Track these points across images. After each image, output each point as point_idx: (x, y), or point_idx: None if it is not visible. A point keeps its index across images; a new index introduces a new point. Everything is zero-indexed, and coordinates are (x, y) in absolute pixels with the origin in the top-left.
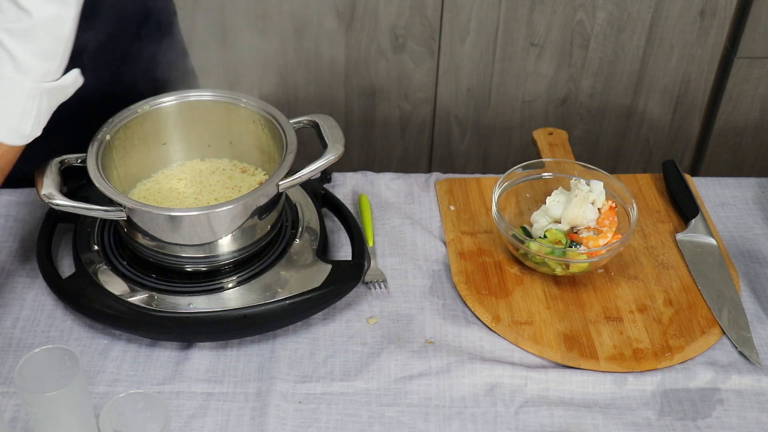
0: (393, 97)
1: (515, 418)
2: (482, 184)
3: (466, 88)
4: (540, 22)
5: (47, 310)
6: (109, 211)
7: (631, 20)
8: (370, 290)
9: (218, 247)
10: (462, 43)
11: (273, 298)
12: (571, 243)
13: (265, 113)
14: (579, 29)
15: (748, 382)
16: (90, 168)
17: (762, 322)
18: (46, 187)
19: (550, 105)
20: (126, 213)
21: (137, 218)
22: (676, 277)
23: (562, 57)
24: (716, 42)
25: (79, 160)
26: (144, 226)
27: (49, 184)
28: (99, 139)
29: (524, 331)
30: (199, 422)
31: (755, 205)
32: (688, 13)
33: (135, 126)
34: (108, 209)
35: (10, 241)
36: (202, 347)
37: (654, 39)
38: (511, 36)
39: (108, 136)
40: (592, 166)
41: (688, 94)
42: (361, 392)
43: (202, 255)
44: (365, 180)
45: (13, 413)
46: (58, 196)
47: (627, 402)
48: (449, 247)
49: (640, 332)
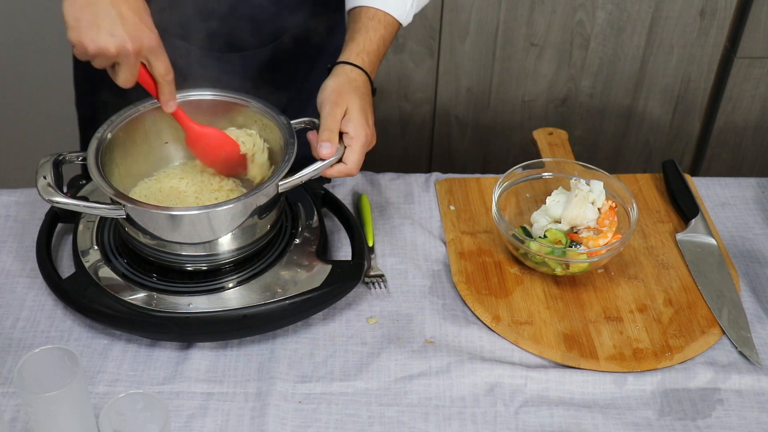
0: (393, 97)
1: (515, 418)
2: (482, 184)
3: (466, 88)
4: (540, 22)
5: (47, 311)
6: (109, 209)
7: (631, 20)
8: (370, 290)
9: (218, 246)
10: (462, 43)
11: (273, 298)
12: (571, 243)
13: (267, 113)
14: (579, 29)
15: (748, 382)
16: (90, 166)
17: (762, 322)
18: (45, 185)
19: (550, 105)
20: (126, 211)
21: (137, 217)
22: (676, 277)
23: (562, 57)
24: (716, 42)
25: (80, 158)
26: (143, 224)
27: (48, 182)
28: (99, 137)
29: (524, 331)
30: (199, 422)
31: (755, 205)
32: (688, 13)
33: (136, 124)
34: (108, 207)
35: (10, 241)
36: (202, 347)
37: (654, 39)
38: (511, 36)
39: (109, 134)
40: (592, 166)
41: (688, 94)
42: (361, 392)
43: (203, 254)
44: (365, 180)
45: (13, 413)
46: (57, 193)
47: (627, 402)
48: (449, 247)
49: (640, 332)
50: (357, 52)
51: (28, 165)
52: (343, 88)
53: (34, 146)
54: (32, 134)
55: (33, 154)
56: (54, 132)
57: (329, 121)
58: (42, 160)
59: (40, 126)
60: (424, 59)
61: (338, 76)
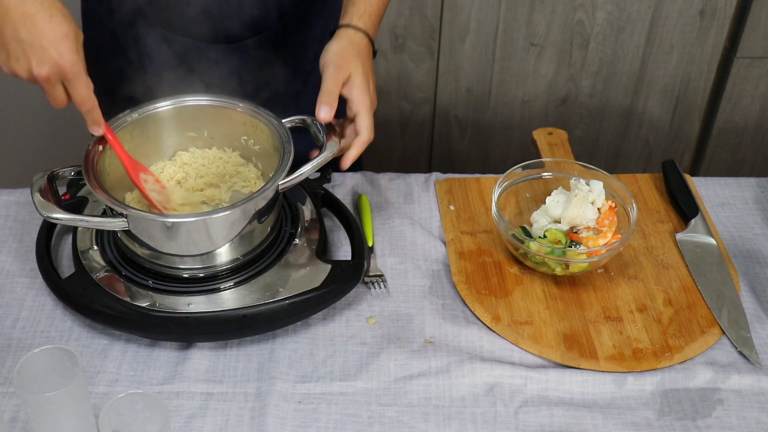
0: (393, 97)
1: (515, 418)
2: (482, 184)
3: (466, 88)
4: (540, 22)
5: (47, 311)
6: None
7: (631, 20)
8: (369, 290)
9: (217, 253)
10: (462, 43)
11: (272, 298)
12: (570, 243)
13: (257, 114)
14: (579, 29)
15: (748, 382)
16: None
17: (762, 322)
18: (42, 202)
19: (549, 105)
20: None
21: (137, 228)
22: (676, 277)
23: (562, 57)
24: (716, 42)
25: (73, 173)
26: (141, 236)
27: (45, 199)
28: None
29: (524, 331)
30: (198, 422)
31: (755, 205)
32: (688, 13)
33: (127, 133)
34: (108, 219)
35: (9, 241)
36: (201, 347)
37: (654, 39)
38: (511, 36)
39: (101, 147)
40: (591, 166)
41: (688, 94)
42: (360, 392)
43: (200, 265)
44: (365, 180)
45: (12, 413)
46: (55, 210)
47: (627, 402)
48: (449, 247)
49: (639, 332)
50: (359, 14)
51: (29, 165)
52: (346, 52)
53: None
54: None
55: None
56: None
57: (330, 83)
58: (36, 177)
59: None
60: (424, 59)
61: (341, 39)
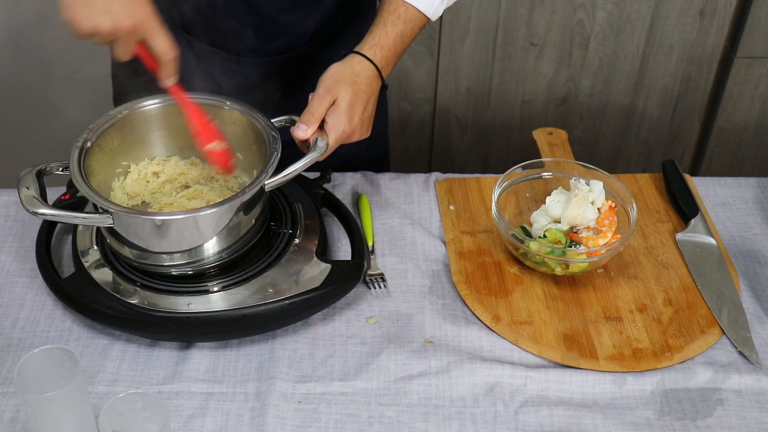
0: (393, 96)
1: (515, 417)
2: (482, 184)
3: (465, 87)
4: (540, 22)
5: (47, 310)
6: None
7: (631, 20)
8: (369, 290)
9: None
10: (462, 43)
11: (272, 298)
12: (570, 243)
13: (244, 112)
14: (579, 29)
15: (748, 382)
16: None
17: (762, 322)
18: (29, 197)
19: (549, 105)
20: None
21: (121, 226)
22: (676, 276)
23: (562, 57)
24: (716, 42)
25: (61, 168)
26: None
27: (31, 194)
28: (80, 146)
29: (524, 331)
30: (198, 422)
31: (755, 205)
32: (687, 13)
33: (115, 131)
34: (93, 216)
35: (9, 241)
36: (201, 347)
37: (654, 39)
38: (511, 36)
39: (89, 143)
40: (591, 166)
41: (688, 94)
42: (360, 392)
43: (188, 260)
44: (365, 180)
45: (12, 413)
46: (41, 205)
47: (627, 402)
48: (449, 247)
49: (639, 332)
50: (371, 44)
51: (29, 165)
52: (341, 77)
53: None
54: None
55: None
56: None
57: (315, 104)
58: (23, 172)
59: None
60: (423, 59)
61: (343, 64)
